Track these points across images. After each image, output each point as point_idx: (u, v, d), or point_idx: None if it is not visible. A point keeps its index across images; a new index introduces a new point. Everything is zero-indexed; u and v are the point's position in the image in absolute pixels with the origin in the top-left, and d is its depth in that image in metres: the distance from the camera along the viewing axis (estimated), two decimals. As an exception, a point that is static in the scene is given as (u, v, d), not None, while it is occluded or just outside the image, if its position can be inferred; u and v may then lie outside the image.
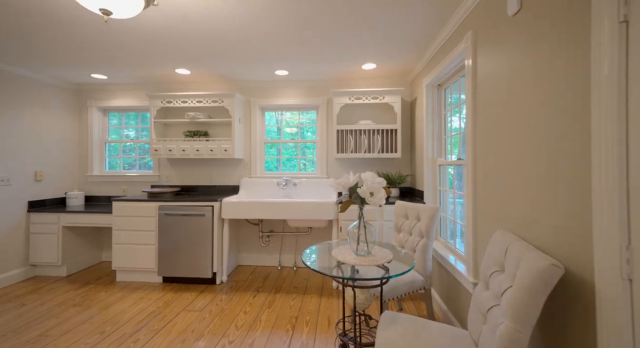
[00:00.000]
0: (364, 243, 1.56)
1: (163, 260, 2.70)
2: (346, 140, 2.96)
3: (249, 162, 3.31)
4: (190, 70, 2.92)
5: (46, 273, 2.93)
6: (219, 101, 3.06)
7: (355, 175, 1.58)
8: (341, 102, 2.92)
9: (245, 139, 3.32)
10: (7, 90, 2.74)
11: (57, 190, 3.19)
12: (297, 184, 3.15)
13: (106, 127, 3.56)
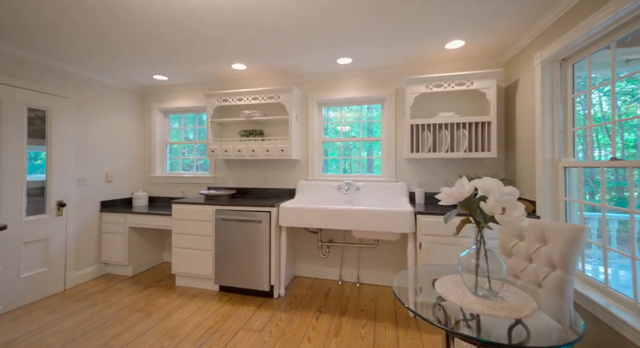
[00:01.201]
0: (483, 278, 1.11)
1: (220, 268, 2.55)
2: (422, 137, 2.47)
3: (305, 163, 3.02)
4: (247, 65, 2.72)
5: (116, 271, 3.02)
6: (275, 97, 2.82)
7: (470, 183, 1.13)
8: (416, 91, 2.44)
9: (302, 137, 3.04)
10: (86, 95, 2.86)
11: (124, 191, 3.30)
12: (361, 188, 2.76)
13: (167, 128, 3.61)
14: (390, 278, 2.68)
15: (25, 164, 2.42)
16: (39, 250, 2.49)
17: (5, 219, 2.28)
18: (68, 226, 2.71)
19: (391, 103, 2.79)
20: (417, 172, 2.72)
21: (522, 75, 2.18)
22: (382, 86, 2.82)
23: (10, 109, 2.33)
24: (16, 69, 2.36)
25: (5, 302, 2.26)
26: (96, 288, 2.67)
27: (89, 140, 2.92)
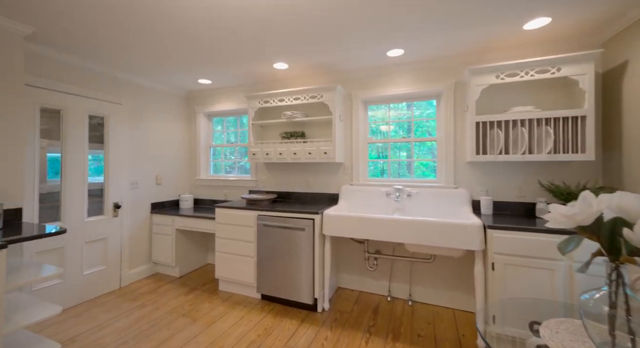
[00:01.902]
0: (622, 332, 0.80)
1: (261, 275, 2.46)
2: (490, 136, 2.10)
3: (349, 166, 2.81)
4: (288, 63, 2.59)
5: (164, 271, 3.13)
6: (317, 96, 2.65)
7: (600, 199, 0.83)
8: (483, 83, 2.08)
9: (346, 139, 2.83)
10: (138, 101, 2.99)
11: (172, 193, 3.41)
12: (412, 195, 2.47)
13: (211, 131, 3.66)
14: (449, 299, 2.35)
15: (86, 168, 2.58)
16: (98, 249, 2.65)
17: (69, 219, 2.44)
18: (123, 227, 2.85)
19: (449, 98, 2.44)
20: (482, 177, 2.34)
21: (632, 56, 1.71)
22: (438, 79, 2.49)
23: (75, 116, 2.49)
24: (79, 79, 2.51)
25: (70, 297, 2.42)
26: (147, 288, 2.77)
27: (141, 145, 3.04)
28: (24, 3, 1.65)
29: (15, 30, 1.88)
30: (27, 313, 1.63)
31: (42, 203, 2.29)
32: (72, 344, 1.90)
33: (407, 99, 2.70)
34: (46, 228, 1.73)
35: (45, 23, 1.88)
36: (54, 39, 2.10)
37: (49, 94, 2.32)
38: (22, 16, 1.79)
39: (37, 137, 2.25)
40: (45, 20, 1.84)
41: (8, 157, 1.86)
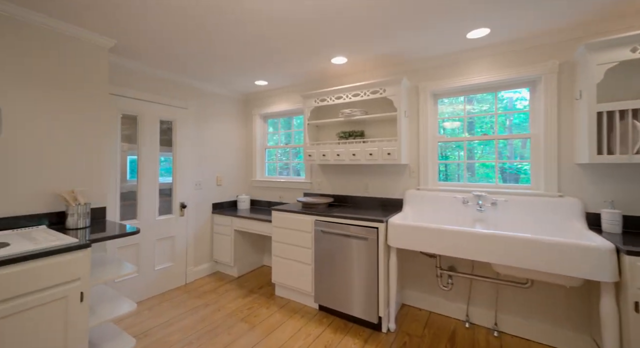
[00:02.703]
0: None
1: (320, 285, 2.32)
2: (620, 130, 1.60)
3: (416, 168, 2.49)
4: (347, 57, 2.39)
5: (224, 270, 3.22)
6: (380, 91, 2.39)
7: None
8: (610, 60, 1.59)
9: (411, 138, 2.52)
10: (201, 105, 3.12)
11: (230, 194, 3.50)
12: (499, 204, 2.06)
13: (266, 133, 3.67)
14: (552, 335, 1.87)
15: (158, 169, 2.75)
16: (167, 246, 2.81)
17: (144, 218, 2.63)
18: (188, 226, 3.00)
19: (550, 84, 1.96)
20: (603, 184, 1.81)
21: None
22: (533, 62, 2.02)
23: (148, 122, 2.67)
24: (152, 86, 2.68)
25: (144, 290, 2.60)
26: (209, 286, 2.85)
27: (203, 147, 3.16)
28: (107, 18, 1.76)
29: (101, 43, 2.04)
30: (110, 307, 1.72)
31: (122, 201, 2.50)
32: (145, 338, 2.00)
33: (489, 89, 2.27)
34: (126, 227, 1.83)
35: (125, 36, 2.00)
36: (132, 51, 2.25)
37: (127, 102, 2.51)
38: (106, 30, 1.93)
39: (119, 141, 2.45)
40: (124, 33, 1.95)
41: (94, 161, 2.03)
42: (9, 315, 1.23)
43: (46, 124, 1.80)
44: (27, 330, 1.28)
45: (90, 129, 2.00)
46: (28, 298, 1.28)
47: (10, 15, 1.65)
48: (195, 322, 2.19)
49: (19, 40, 1.69)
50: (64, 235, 1.56)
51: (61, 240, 1.47)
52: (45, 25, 1.78)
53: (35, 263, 1.30)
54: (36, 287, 1.30)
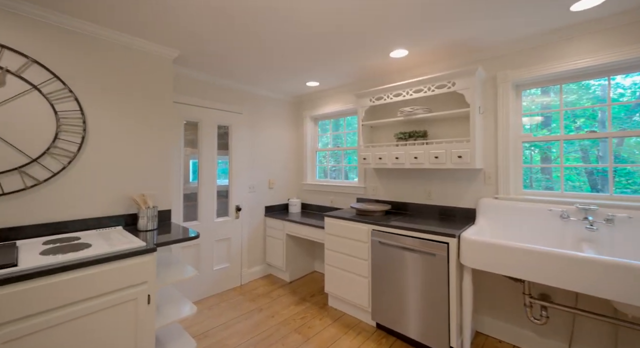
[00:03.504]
0: None
1: (378, 301, 2.13)
2: None
3: (493, 173, 2.13)
4: (409, 49, 2.14)
5: (276, 274, 3.23)
6: (447, 85, 2.09)
7: None
8: None
9: (487, 138, 2.16)
10: (254, 109, 3.16)
11: (282, 197, 3.49)
12: (616, 221, 1.61)
13: (316, 135, 3.58)
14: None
15: (216, 172, 2.85)
16: (224, 247, 2.91)
17: (204, 219, 2.74)
18: (243, 228, 3.06)
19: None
20: None
21: None
22: (672, 34, 1.52)
23: (207, 127, 2.78)
24: (211, 94, 2.78)
25: (203, 289, 2.72)
26: (262, 289, 2.87)
27: (256, 150, 3.21)
28: (171, 31, 1.83)
29: (166, 54, 2.14)
30: (174, 308, 1.79)
31: (186, 202, 2.64)
32: (205, 339, 2.05)
33: (600, 74, 1.80)
34: (188, 231, 1.89)
35: (187, 47, 2.07)
36: (193, 61, 2.34)
37: (190, 109, 2.63)
38: (170, 41, 2.01)
39: (182, 146, 2.59)
40: (186, 44, 2.02)
41: (162, 166, 2.15)
42: (88, 314, 1.31)
43: (121, 133, 1.95)
44: (102, 329, 1.36)
45: (158, 136, 2.12)
46: (103, 299, 1.35)
47: (92, 34, 1.81)
48: (250, 327, 2.19)
49: (101, 58, 1.85)
50: (134, 238, 1.65)
51: (131, 243, 1.55)
52: (118, 41, 1.91)
53: (109, 266, 1.38)
54: (110, 289, 1.37)
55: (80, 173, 1.78)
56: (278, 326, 2.21)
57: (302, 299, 2.65)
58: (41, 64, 1.64)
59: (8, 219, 1.54)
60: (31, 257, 1.29)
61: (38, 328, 1.18)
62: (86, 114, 1.80)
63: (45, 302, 1.19)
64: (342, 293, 2.37)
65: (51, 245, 1.48)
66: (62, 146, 1.71)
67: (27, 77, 1.60)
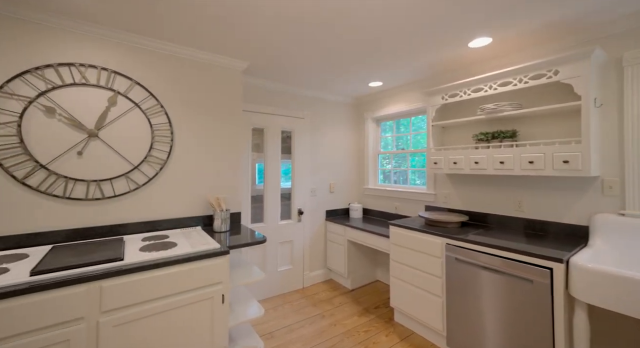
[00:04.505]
0: None
1: (454, 325, 1.88)
2: None
3: (617, 183, 1.67)
4: (493, 36, 1.83)
5: (337, 280, 3.18)
6: (547, 74, 1.72)
7: None
8: None
9: (606, 138, 1.71)
10: (315, 113, 3.17)
11: (342, 201, 3.43)
12: None
13: (378, 137, 3.41)
14: None
15: (279, 176, 2.94)
16: (287, 250, 2.98)
17: (269, 221, 2.85)
18: (304, 231, 3.10)
19: None
20: None
21: None
22: None
23: (272, 132, 2.88)
24: (275, 100, 2.88)
25: (268, 289, 2.83)
26: (324, 294, 2.86)
27: (317, 154, 3.21)
28: (243, 46, 1.92)
29: (237, 66, 2.28)
30: (244, 308, 1.87)
31: (253, 204, 2.79)
32: (271, 340, 2.11)
33: None
34: (255, 234, 1.96)
35: (255, 58, 2.16)
36: (259, 70, 2.45)
37: (256, 116, 2.77)
38: (240, 54, 2.13)
39: (250, 151, 2.74)
40: (254, 56, 2.11)
41: (233, 171, 2.29)
42: (174, 309, 1.44)
43: (198, 141, 2.13)
44: (185, 323, 1.48)
45: (230, 143, 2.27)
46: (185, 295, 1.47)
47: (175, 54, 2.02)
48: (314, 334, 2.18)
49: (181, 74, 2.06)
50: (210, 239, 1.77)
51: (208, 244, 1.66)
52: (195, 57, 2.10)
53: (191, 266, 1.48)
54: (192, 287, 1.48)
55: (168, 178, 2.00)
56: (342, 336, 2.14)
57: (366, 310, 2.54)
58: (141, 84, 1.89)
59: (118, 217, 1.82)
60: (133, 252, 1.48)
61: (138, 317, 1.34)
62: (173, 126, 2.02)
63: (143, 294, 1.35)
64: (410, 311, 2.18)
65: (147, 242, 1.69)
66: (155, 154, 1.95)
67: (131, 97, 1.86)
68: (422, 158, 2.94)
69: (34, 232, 1.57)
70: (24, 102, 1.55)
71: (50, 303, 1.14)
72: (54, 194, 1.62)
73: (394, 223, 2.32)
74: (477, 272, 1.76)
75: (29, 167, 1.56)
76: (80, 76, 1.69)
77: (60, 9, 1.54)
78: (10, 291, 1.07)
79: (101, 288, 1.25)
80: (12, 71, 1.52)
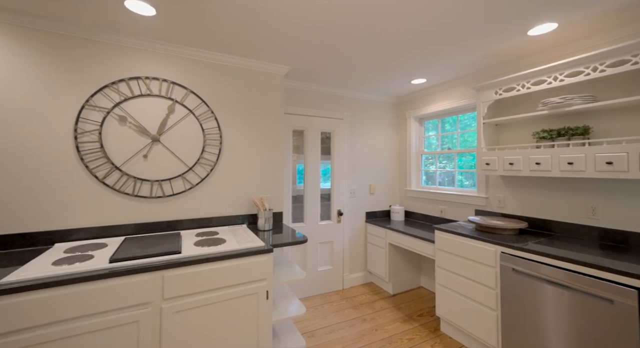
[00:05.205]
0: None
1: (511, 342, 1.71)
2: None
3: None
4: (559, 21, 1.62)
5: (378, 283, 3.11)
6: (633, 59, 1.48)
7: None
8: None
9: None
10: (354, 114, 3.14)
11: (383, 203, 3.34)
12: None
13: (422, 137, 3.26)
14: None
15: (319, 177, 2.97)
16: (326, 250, 3.00)
17: (309, 221, 2.90)
18: (344, 233, 3.09)
19: None
20: None
21: None
22: None
23: (312, 134, 2.92)
24: (315, 102, 2.92)
25: (309, 287, 2.88)
26: (364, 297, 2.81)
27: (357, 155, 3.17)
28: (283, 51, 1.98)
29: (279, 71, 2.36)
30: (286, 305, 1.93)
31: (293, 203, 2.86)
32: (311, 339, 2.14)
33: None
34: (296, 234, 2.01)
35: (295, 62, 2.21)
36: (299, 74, 2.50)
37: (297, 118, 2.83)
38: (282, 59, 2.20)
39: (290, 153, 2.81)
40: (295, 60, 2.16)
41: (275, 172, 2.38)
42: (223, 301, 1.53)
43: (243, 143, 2.25)
44: (233, 315, 1.56)
45: (272, 145, 2.35)
46: (233, 289, 1.55)
47: (222, 63, 2.16)
48: (354, 337, 2.15)
49: (228, 81, 2.19)
50: (255, 237, 1.85)
51: (254, 241, 1.73)
52: (240, 65, 2.21)
53: (239, 262, 1.57)
54: (239, 281, 1.56)
55: (217, 178, 2.14)
56: (383, 342, 2.08)
57: (409, 317, 2.44)
58: (194, 92, 2.06)
59: (175, 213, 2.00)
60: (189, 246, 1.62)
61: (194, 306, 1.45)
62: (222, 129, 2.16)
63: (198, 285, 1.46)
64: (459, 322, 2.04)
65: (200, 237, 1.83)
66: (206, 157, 2.10)
67: (187, 104, 2.04)
68: (471, 158, 2.74)
69: (110, 225, 1.80)
70: (103, 113, 1.79)
71: (124, 288, 1.30)
72: (126, 192, 1.84)
73: (440, 227, 2.19)
74: (540, 286, 1.57)
75: (107, 169, 1.79)
76: (145, 88, 1.90)
77: (133, 32, 1.75)
78: (96, 275, 1.24)
79: (163, 277, 1.38)
80: (95, 86, 1.77)
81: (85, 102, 1.73)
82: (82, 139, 1.73)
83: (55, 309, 1.17)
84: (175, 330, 1.41)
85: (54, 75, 1.67)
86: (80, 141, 1.72)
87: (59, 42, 1.68)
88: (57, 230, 1.67)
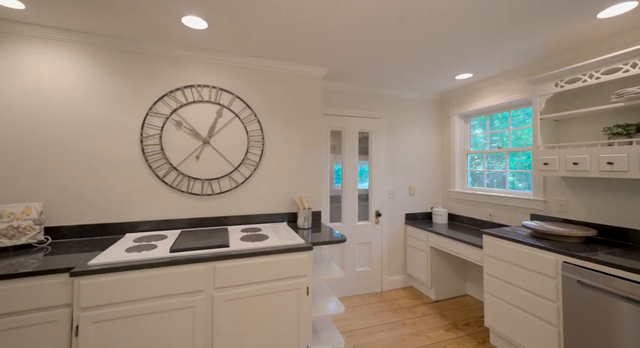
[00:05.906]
0: None
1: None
2: None
3: None
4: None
5: (419, 288, 2.99)
6: None
7: None
8: None
9: None
10: (393, 113, 3.07)
11: (424, 205, 3.21)
12: None
13: (467, 135, 3.06)
14: None
15: (357, 177, 2.96)
16: (364, 251, 2.97)
17: (347, 221, 2.90)
18: (382, 234, 3.03)
19: None
20: None
21: None
22: None
23: (349, 134, 2.92)
24: (352, 103, 2.91)
25: (346, 288, 2.88)
26: (404, 301, 2.73)
27: (395, 155, 3.09)
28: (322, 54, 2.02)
29: (317, 73, 2.40)
30: (325, 303, 1.95)
31: (331, 203, 2.88)
32: (350, 338, 2.14)
33: None
34: (334, 233, 2.02)
35: (333, 64, 2.23)
36: (337, 75, 2.52)
37: (335, 119, 2.86)
38: (320, 62, 2.24)
39: (328, 153, 2.85)
40: (333, 62, 2.18)
41: (314, 172, 2.42)
42: (268, 293, 1.60)
43: (283, 144, 2.33)
44: (277, 308, 1.62)
45: (311, 145, 2.40)
46: (277, 283, 1.62)
47: (264, 68, 2.26)
48: (394, 340, 2.10)
49: (269, 85, 2.28)
50: (295, 234, 1.91)
51: (294, 239, 1.79)
52: (281, 69, 2.30)
53: (282, 257, 1.63)
54: (282, 276, 1.62)
55: (259, 178, 2.25)
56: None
57: (453, 325, 2.31)
58: (239, 97, 2.19)
59: (223, 210, 2.15)
60: (235, 241, 1.72)
61: (241, 297, 1.54)
62: (264, 131, 2.26)
63: (244, 277, 1.55)
64: (512, 335, 1.88)
65: (246, 233, 1.94)
66: (250, 157, 2.22)
67: (233, 108, 2.18)
68: (525, 157, 2.50)
69: (168, 219, 2.00)
70: (163, 118, 1.99)
71: (182, 275, 1.43)
72: (181, 190, 2.02)
73: (490, 232, 2.04)
74: (612, 301, 1.38)
75: (166, 168, 2.00)
76: (197, 94, 2.08)
77: (187, 44, 1.93)
78: (160, 262, 1.39)
79: (215, 268, 1.50)
80: (157, 95, 1.98)
81: (149, 109, 1.95)
82: (146, 142, 1.95)
83: (128, 290, 1.34)
84: (225, 318, 1.52)
85: (125, 87, 1.91)
86: (145, 144, 1.94)
87: (130, 59, 1.92)
88: (127, 222, 1.90)
